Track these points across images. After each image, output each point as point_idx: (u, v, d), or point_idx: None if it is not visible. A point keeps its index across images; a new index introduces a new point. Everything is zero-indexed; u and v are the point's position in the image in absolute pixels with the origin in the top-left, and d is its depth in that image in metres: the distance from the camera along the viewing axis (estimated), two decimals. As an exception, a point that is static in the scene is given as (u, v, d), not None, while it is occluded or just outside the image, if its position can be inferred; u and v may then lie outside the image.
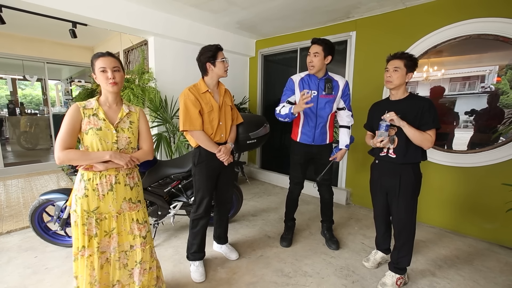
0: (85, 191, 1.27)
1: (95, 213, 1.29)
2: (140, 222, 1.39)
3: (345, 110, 2.15)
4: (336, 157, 2.16)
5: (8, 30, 4.16)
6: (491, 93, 2.42)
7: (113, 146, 1.30)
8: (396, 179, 1.69)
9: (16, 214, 2.83)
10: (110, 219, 1.32)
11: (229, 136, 1.90)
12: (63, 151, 1.20)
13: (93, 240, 1.29)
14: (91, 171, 1.27)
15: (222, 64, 1.76)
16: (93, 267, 1.30)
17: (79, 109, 1.26)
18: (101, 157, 1.25)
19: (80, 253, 1.29)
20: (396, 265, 1.78)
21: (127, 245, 1.38)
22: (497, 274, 2.00)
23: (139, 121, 1.42)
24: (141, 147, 1.43)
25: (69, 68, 5.97)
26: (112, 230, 1.33)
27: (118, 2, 2.76)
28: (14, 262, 2.04)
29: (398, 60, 1.63)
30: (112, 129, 1.30)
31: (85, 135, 1.26)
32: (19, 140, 5.49)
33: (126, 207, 1.36)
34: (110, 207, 1.31)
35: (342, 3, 2.71)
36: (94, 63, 1.29)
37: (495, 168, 2.39)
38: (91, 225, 1.28)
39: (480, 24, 2.33)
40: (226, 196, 2.05)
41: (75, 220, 1.28)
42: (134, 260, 1.39)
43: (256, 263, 2.08)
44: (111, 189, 1.30)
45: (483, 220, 2.49)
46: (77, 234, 1.28)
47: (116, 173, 1.32)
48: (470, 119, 2.56)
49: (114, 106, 1.35)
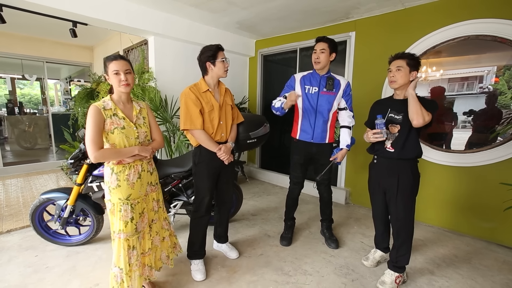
0: (118, 182, 1.44)
1: (129, 200, 1.47)
2: (157, 200, 1.67)
3: (346, 110, 2.15)
4: (337, 158, 2.15)
5: (7, 29, 4.15)
6: (489, 94, 2.44)
7: (136, 141, 1.48)
8: (394, 178, 1.71)
9: (16, 213, 2.83)
10: (141, 202, 1.54)
11: (229, 135, 1.91)
12: (99, 151, 1.34)
13: (130, 225, 1.47)
14: (121, 164, 1.45)
15: (222, 64, 1.77)
16: (129, 247, 1.48)
17: (100, 111, 1.37)
18: (131, 152, 1.44)
19: (117, 235, 1.46)
20: (395, 263, 1.79)
21: (150, 220, 1.63)
22: (495, 272, 2.02)
23: (148, 115, 1.61)
24: (154, 138, 1.62)
25: (68, 68, 5.96)
26: (143, 210, 1.55)
27: (119, 2, 2.76)
28: (15, 261, 2.04)
29: (400, 60, 1.65)
30: (132, 126, 1.47)
31: (110, 134, 1.40)
32: (18, 140, 5.48)
33: (149, 189, 1.60)
34: (140, 192, 1.52)
35: (341, 3, 2.73)
36: (107, 65, 1.41)
37: (493, 167, 2.41)
38: (126, 211, 1.45)
39: (479, 25, 2.35)
40: (226, 195, 2.06)
41: (110, 208, 1.46)
42: (155, 230, 1.66)
43: (256, 262, 2.09)
44: (139, 177, 1.51)
45: (481, 219, 2.51)
46: (112, 220, 1.47)
47: (141, 163, 1.53)
48: (469, 119, 2.58)
49: (127, 104, 1.51)
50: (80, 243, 2.25)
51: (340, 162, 2.23)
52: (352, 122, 2.17)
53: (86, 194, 2.12)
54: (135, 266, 1.49)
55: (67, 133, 4.53)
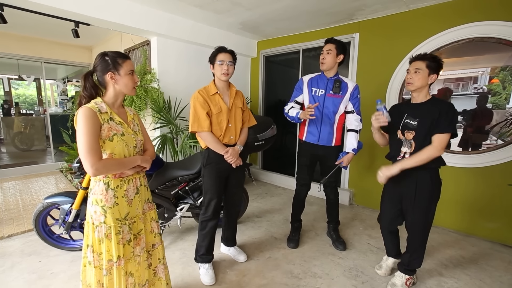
0: (115, 199, 1.21)
1: (127, 220, 1.26)
2: (156, 220, 1.43)
3: (353, 113, 2.13)
4: (343, 161, 2.12)
5: (3, 28, 4.06)
6: (480, 94, 2.49)
7: (134, 150, 1.28)
8: (412, 185, 1.62)
9: (16, 218, 2.77)
10: (138, 221, 1.32)
11: (239, 139, 1.89)
12: (100, 161, 1.11)
13: (128, 246, 1.26)
14: (120, 177, 1.23)
15: (218, 67, 1.73)
16: (129, 274, 1.27)
17: (96, 114, 1.14)
18: (134, 163, 1.24)
19: (116, 263, 1.21)
20: (407, 266, 1.78)
21: (149, 245, 1.39)
22: (502, 273, 2.03)
23: (140, 123, 1.41)
24: (146, 148, 1.41)
25: (65, 68, 5.86)
26: (140, 231, 1.33)
27: (122, 2, 2.72)
28: (18, 267, 1.99)
29: (419, 61, 1.56)
30: (131, 133, 1.28)
31: (108, 142, 1.18)
32: (14, 141, 5.37)
33: (146, 207, 1.38)
34: (137, 209, 1.32)
35: (347, 5, 2.73)
36: (121, 63, 1.21)
37: (497, 168, 2.43)
38: (124, 233, 1.24)
39: (484, 27, 2.37)
40: (235, 198, 2.04)
41: (105, 233, 1.20)
42: (157, 258, 1.43)
43: (265, 265, 2.08)
44: (137, 192, 1.31)
45: (487, 219, 2.53)
46: (109, 246, 1.21)
47: (139, 176, 1.33)
48: (460, 119, 2.62)
49: (120, 108, 1.31)
50: (85, 248, 2.20)
51: (346, 166, 2.20)
52: (359, 126, 2.14)
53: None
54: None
55: (65, 135, 4.47)
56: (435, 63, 1.53)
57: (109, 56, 1.21)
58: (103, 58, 1.20)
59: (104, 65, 1.20)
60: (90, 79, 1.22)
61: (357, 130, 2.13)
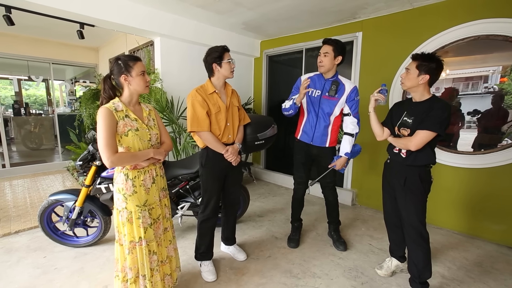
0: (134, 188, 1.38)
1: (147, 206, 1.42)
2: (168, 206, 1.62)
3: (350, 116, 2.07)
4: (336, 165, 2.09)
5: (13, 30, 4.17)
6: (496, 94, 2.41)
7: (148, 144, 1.42)
8: (401, 180, 1.66)
9: (23, 214, 2.85)
10: (156, 208, 1.48)
11: (236, 137, 1.90)
12: (115, 155, 1.26)
13: (149, 230, 1.43)
14: (136, 169, 1.39)
15: (228, 65, 1.75)
16: (150, 252, 1.44)
17: (112, 113, 1.30)
18: (147, 155, 1.38)
19: (138, 243, 1.40)
20: (419, 279, 1.68)
21: (163, 228, 1.56)
22: (507, 276, 1.99)
23: (156, 118, 1.55)
24: (163, 141, 1.56)
25: (73, 69, 5.99)
26: (159, 216, 1.50)
27: (126, 4, 2.76)
28: (24, 262, 2.05)
29: (412, 61, 1.56)
30: (145, 128, 1.42)
31: (124, 137, 1.33)
32: (24, 140, 5.52)
33: (161, 195, 1.55)
34: (155, 197, 1.48)
35: (349, 3, 2.70)
36: (132, 66, 1.34)
37: (504, 169, 2.37)
38: (145, 217, 1.41)
39: (490, 24, 2.31)
40: (233, 197, 2.05)
41: (126, 217, 1.38)
42: (168, 239, 1.60)
43: (265, 264, 2.08)
44: (153, 182, 1.46)
45: (491, 221, 2.48)
46: (131, 229, 1.39)
47: (154, 167, 1.48)
48: (473, 119, 2.55)
49: (136, 106, 1.45)
50: (88, 244, 2.25)
51: (343, 169, 2.16)
52: (355, 129, 2.07)
53: (94, 195, 2.12)
54: (156, 271, 1.48)
55: (72, 134, 4.56)
56: (427, 63, 1.49)
57: (121, 60, 1.34)
58: (117, 62, 1.35)
59: (118, 69, 1.35)
60: (108, 82, 1.39)
61: (353, 134, 2.08)
